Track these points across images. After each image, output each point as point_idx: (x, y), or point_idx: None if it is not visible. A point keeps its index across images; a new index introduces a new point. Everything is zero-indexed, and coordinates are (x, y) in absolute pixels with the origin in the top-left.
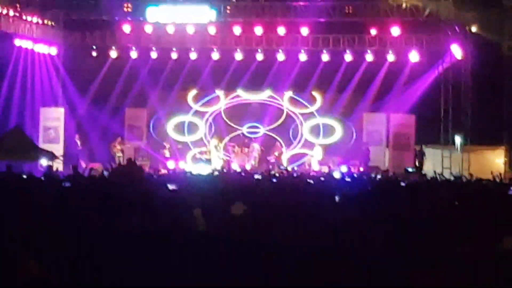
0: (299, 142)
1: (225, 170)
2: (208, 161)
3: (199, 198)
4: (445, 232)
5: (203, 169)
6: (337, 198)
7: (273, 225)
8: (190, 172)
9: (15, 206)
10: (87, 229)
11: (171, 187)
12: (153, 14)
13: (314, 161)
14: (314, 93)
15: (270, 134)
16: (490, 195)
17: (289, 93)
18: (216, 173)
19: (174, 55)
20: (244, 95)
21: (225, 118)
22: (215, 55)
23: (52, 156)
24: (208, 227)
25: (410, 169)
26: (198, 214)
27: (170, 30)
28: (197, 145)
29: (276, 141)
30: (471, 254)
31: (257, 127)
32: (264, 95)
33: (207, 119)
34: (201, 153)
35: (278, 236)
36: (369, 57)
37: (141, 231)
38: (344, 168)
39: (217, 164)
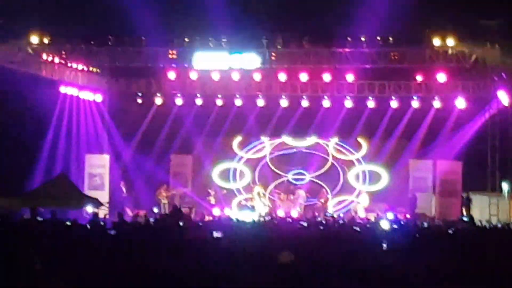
0: (345, 189)
1: (270, 217)
2: (253, 208)
3: (245, 245)
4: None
5: (248, 216)
6: (384, 246)
7: (321, 274)
8: (236, 219)
9: (59, 252)
10: (132, 275)
11: (216, 234)
12: (199, 61)
13: (360, 208)
14: (360, 140)
15: (316, 181)
16: None
17: (334, 140)
18: (262, 220)
19: (219, 102)
20: (289, 142)
21: (270, 165)
22: (260, 102)
23: (97, 203)
24: (255, 276)
25: (465, 218)
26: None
27: (215, 77)
28: (242, 192)
29: (322, 187)
30: None
31: (302, 174)
32: (309, 142)
33: (253, 166)
34: (246, 200)
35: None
36: (415, 103)
37: (186, 278)
38: (390, 215)
39: (261, 210)
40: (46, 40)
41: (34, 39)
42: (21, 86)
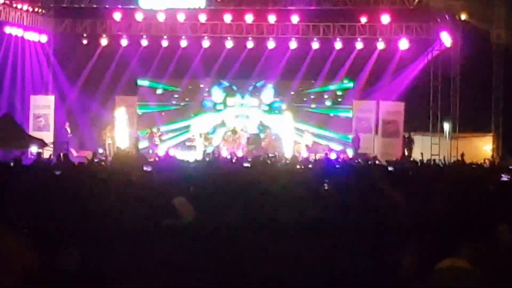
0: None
1: (213, 157)
2: (195, 148)
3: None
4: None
5: (191, 156)
6: (325, 186)
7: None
8: (175, 158)
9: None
10: (76, 214)
11: (145, 168)
12: (146, 2)
13: (303, 148)
14: (304, 81)
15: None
16: (483, 182)
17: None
18: (206, 159)
19: (164, 43)
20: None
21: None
22: (206, 43)
23: (42, 143)
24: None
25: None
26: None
27: (161, 17)
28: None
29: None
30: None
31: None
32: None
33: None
34: (189, 140)
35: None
36: (359, 45)
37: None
38: (333, 155)
39: (204, 149)
40: None
41: None
42: None
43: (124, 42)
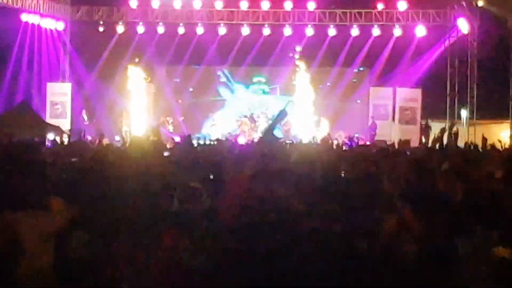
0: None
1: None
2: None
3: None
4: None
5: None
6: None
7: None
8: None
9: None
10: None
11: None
12: None
13: (319, 135)
14: (321, 68)
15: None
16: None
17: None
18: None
19: (181, 30)
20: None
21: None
22: (222, 30)
23: (59, 131)
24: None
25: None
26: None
27: (177, 5)
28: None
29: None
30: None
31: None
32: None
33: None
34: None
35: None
36: (376, 31)
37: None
38: (351, 141)
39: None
40: None
41: None
42: None
43: (140, 29)
